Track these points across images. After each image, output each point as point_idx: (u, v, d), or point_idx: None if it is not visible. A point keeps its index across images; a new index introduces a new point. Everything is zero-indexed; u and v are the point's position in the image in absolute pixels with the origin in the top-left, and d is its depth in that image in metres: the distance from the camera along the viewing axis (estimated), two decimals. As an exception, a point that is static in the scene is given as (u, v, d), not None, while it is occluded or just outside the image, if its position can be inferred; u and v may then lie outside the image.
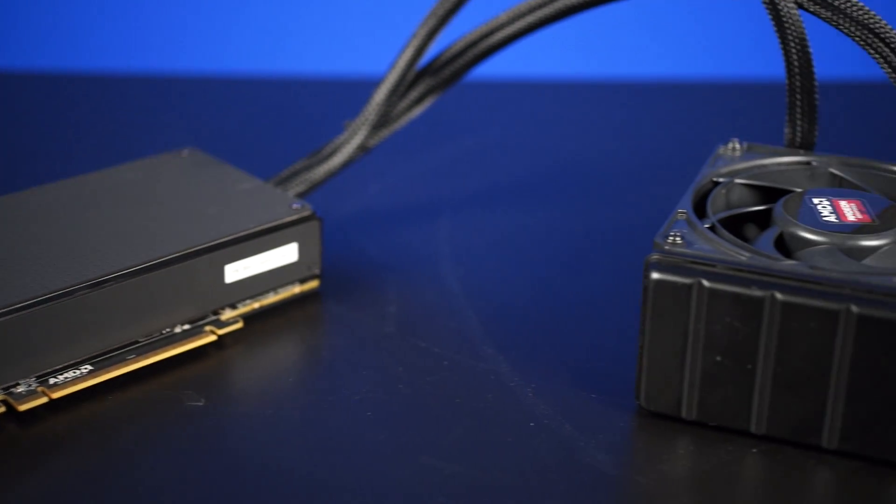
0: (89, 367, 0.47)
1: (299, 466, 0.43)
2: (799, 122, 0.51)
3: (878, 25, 0.48)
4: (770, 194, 0.49)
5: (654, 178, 0.65)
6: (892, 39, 0.48)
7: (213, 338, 0.49)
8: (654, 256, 0.43)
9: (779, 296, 0.41)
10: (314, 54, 0.91)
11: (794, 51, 0.50)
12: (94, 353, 0.47)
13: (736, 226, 0.47)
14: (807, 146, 0.51)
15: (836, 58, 0.61)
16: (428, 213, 0.61)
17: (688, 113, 0.76)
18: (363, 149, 0.57)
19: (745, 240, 0.46)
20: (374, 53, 0.69)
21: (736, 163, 0.50)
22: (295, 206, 0.52)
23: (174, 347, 0.48)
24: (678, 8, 0.91)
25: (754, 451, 0.43)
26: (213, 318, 0.50)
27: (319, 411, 0.46)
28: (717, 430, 0.44)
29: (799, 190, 0.48)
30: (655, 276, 0.43)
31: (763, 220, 0.47)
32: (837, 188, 0.49)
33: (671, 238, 0.44)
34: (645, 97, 0.78)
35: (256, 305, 0.51)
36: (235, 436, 0.45)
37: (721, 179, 0.49)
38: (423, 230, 0.60)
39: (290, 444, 0.44)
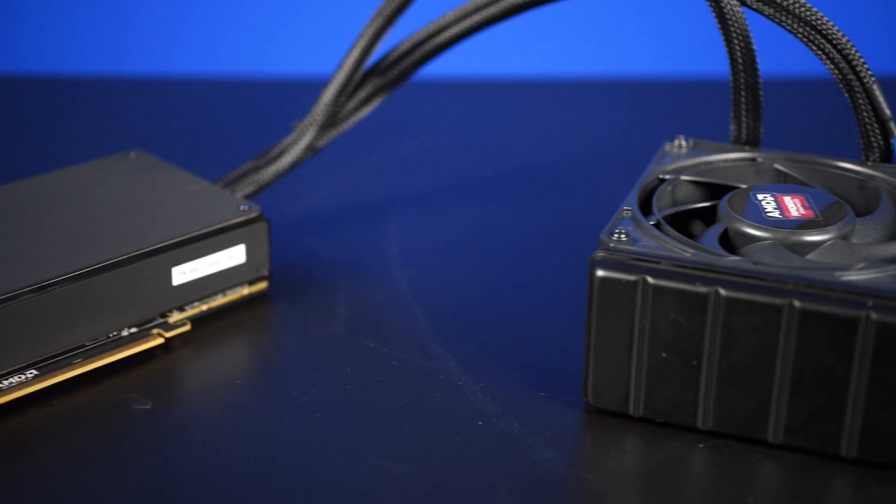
0: (35, 372, 0.46)
1: (247, 468, 0.43)
2: (744, 119, 0.51)
3: (819, 22, 0.48)
4: (716, 191, 0.49)
5: (603, 176, 0.65)
6: (834, 36, 0.48)
7: (160, 340, 0.49)
8: (599, 254, 0.43)
9: (722, 291, 0.42)
10: (261, 55, 0.91)
11: (737, 48, 0.50)
12: (40, 358, 0.47)
13: (682, 222, 0.48)
14: (752, 142, 0.52)
15: (780, 54, 0.61)
16: (378, 213, 0.61)
17: (636, 110, 0.76)
18: (312, 149, 0.57)
19: (691, 236, 0.46)
20: (322, 54, 0.69)
21: (682, 160, 0.50)
22: (242, 207, 0.52)
23: (121, 351, 0.48)
24: (622, 6, 0.91)
25: (701, 446, 0.44)
26: (161, 320, 0.50)
27: (268, 413, 0.46)
28: (664, 426, 0.44)
29: (744, 186, 0.48)
30: (600, 273, 0.43)
31: (709, 216, 0.47)
32: (782, 184, 0.49)
33: (616, 235, 0.44)
34: (592, 95, 0.78)
35: (204, 307, 0.51)
36: (183, 439, 0.44)
37: (667, 176, 0.49)
38: (373, 230, 0.60)
39: (237, 446, 0.44)
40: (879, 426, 0.41)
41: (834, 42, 0.48)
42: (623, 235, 0.44)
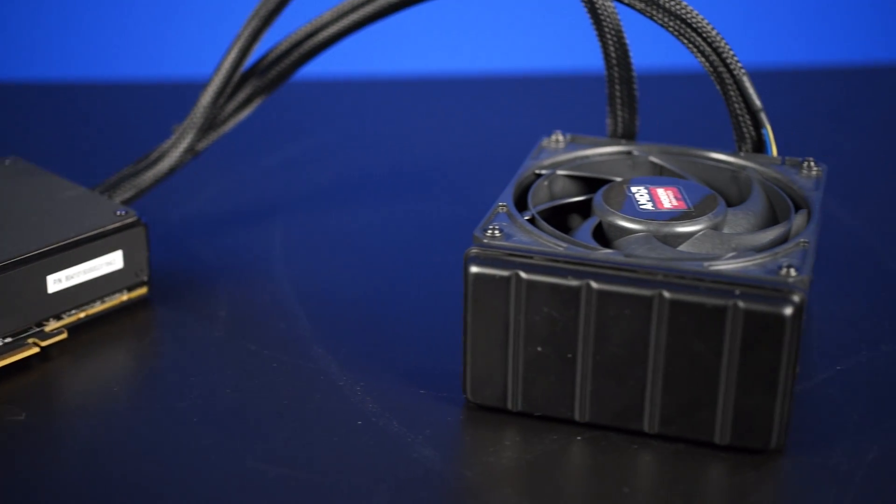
0: None
1: (123, 476, 0.42)
2: (620, 113, 0.52)
3: (689, 16, 0.49)
4: (593, 184, 0.49)
5: (487, 173, 0.65)
6: (704, 29, 0.49)
7: (35, 350, 0.48)
8: (473, 250, 0.43)
9: (594, 284, 0.42)
10: (138, 58, 0.90)
11: (610, 42, 0.50)
12: (-90, 371, 0.46)
13: (560, 217, 0.48)
14: (628, 136, 0.52)
15: (652, 48, 0.62)
16: (261, 215, 0.61)
17: (515, 106, 0.76)
18: (192, 152, 0.56)
19: (568, 231, 0.46)
20: (200, 56, 0.68)
21: (559, 154, 0.50)
22: (119, 212, 0.51)
23: (-5, 361, 0.47)
24: (495, 4, 0.92)
25: (579, 438, 0.44)
26: (37, 329, 0.49)
27: (145, 420, 0.45)
28: (542, 419, 0.45)
29: (619, 179, 0.48)
30: (474, 269, 0.43)
31: (586, 210, 0.48)
32: (657, 177, 0.49)
33: (490, 231, 0.44)
34: (471, 92, 0.79)
35: (82, 315, 0.50)
36: (58, 451, 0.44)
37: (543, 171, 0.49)
38: (257, 233, 0.59)
39: (114, 455, 0.43)
40: (751, 413, 0.42)
41: (704, 35, 0.49)
42: (497, 231, 0.44)
